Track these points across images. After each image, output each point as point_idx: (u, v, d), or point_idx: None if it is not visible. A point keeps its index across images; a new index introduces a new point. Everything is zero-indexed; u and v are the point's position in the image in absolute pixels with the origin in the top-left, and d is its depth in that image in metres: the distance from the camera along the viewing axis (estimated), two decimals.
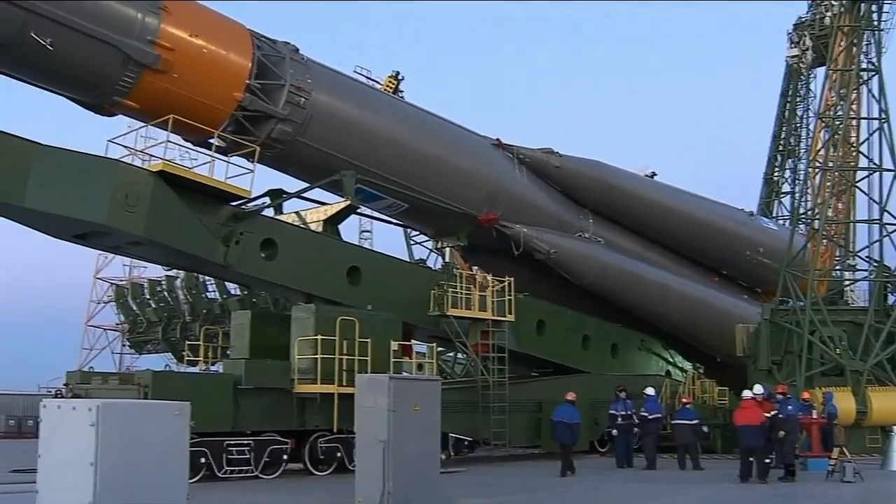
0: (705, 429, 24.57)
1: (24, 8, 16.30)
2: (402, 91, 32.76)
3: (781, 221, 44.08)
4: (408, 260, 27.04)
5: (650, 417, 22.41)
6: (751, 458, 18.50)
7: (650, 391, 23.34)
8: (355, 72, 23.96)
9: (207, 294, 38.58)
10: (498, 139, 26.35)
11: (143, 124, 19.57)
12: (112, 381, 19.68)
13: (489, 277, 24.49)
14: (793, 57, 49.74)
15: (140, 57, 17.75)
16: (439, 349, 25.49)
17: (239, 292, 35.93)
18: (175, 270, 37.51)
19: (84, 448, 8.12)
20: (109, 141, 18.80)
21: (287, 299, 25.20)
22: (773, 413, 19.24)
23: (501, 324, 24.25)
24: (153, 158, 18.35)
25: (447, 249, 26.75)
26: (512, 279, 24.45)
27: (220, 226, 19.01)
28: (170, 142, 18.37)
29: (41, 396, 36.82)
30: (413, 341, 24.20)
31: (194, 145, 19.86)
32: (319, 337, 19.48)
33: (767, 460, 18.68)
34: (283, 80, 20.18)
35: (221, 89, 19.14)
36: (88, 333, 60.95)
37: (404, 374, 20.84)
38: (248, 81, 19.50)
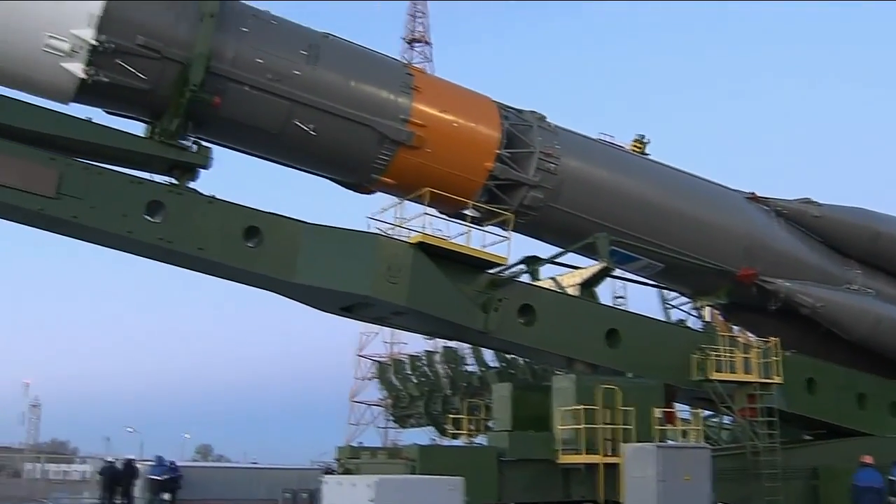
0: None
1: (290, 99, 17.35)
2: (647, 154, 32.27)
3: None
4: (667, 321, 26.27)
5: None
6: None
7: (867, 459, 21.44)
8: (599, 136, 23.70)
9: (466, 367, 39.10)
10: (752, 193, 25.36)
11: (400, 199, 20.20)
12: (380, 456, 20.06)
13: (752, 338, 23.41)
14: None
15: (395, 135, 18.46)
16: (701, 412, 24.50)
17: (497, 364, 36.16)
18: (434, 345, 38.36)
19: None
20: (369, 217, 19.54)
21: (546, 364, 25.07)
22: None
23: (769, 386, 23.02)
24: (412, 231, 18.90)
25: (706, 309, 25.80)
26: (778, 339, 23.24)
27: (478, 293, 19.25)
28: (427, 214, 18.86)
29: (313, 471, 38.29)
30: (676, 405, 23.38)
31: (450, 217, 20.28)
32: (581, 407, 19.16)
33: None
34: (532, 147, 20.34)
35: (473, 161, 19.55)
36: (354, 409, 63.24)
37: (670, 442, 20.22)
38: (498, 151, 19.81)
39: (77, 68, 15.70)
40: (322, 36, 18.46)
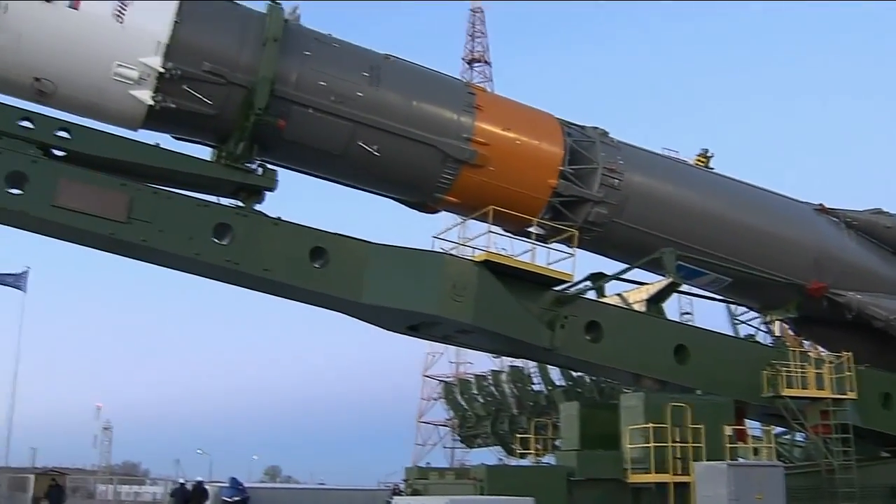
0: None
1: (353, 120, 17.50)
2: (711, 168, 31.91)
3: None
4: (736, 336, 25.88)
5: None
6: None
7: None
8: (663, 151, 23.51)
9: (533, 387, 39.02)
10: (821, 204, 24.91)
11: (464, 218, 20.24)
12: (448, 477, 19.99)
13: (824, 353, 22.96)
14: None
15: (458, 154, 18.51)
16: (772, 429, 24.05)
17: (564, 383, 35.99)
18: (500, 365, 38.34)
19: None
20: (435, 237, 19.75)
21: (613, 382, 24.87)
22: None
23: (842, 402, 22.50)
24: (476, 250, 18.88)
25: (776, 323, 25.38)
26: (851, 354, 22.74)
27: (544, 310, 19.19)
28: (491, 232, 18.84)
29: (381, 492, 38.41)
30: (747, 422, 22.99)
31: (514, 234, 20.24)
32: (651, 425, 18.94)
33: None
34: (596, 163, 20.26)
35: (537, 178, 19.53)
36: (420, 429, 63.31)
37: (741, 460, 19.90)
38: (561, 168, 19.76)
39: (145, 95, 16.02)
40: (383, 57, 18.60)
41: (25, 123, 15.71)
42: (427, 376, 67.34)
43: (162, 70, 15.92)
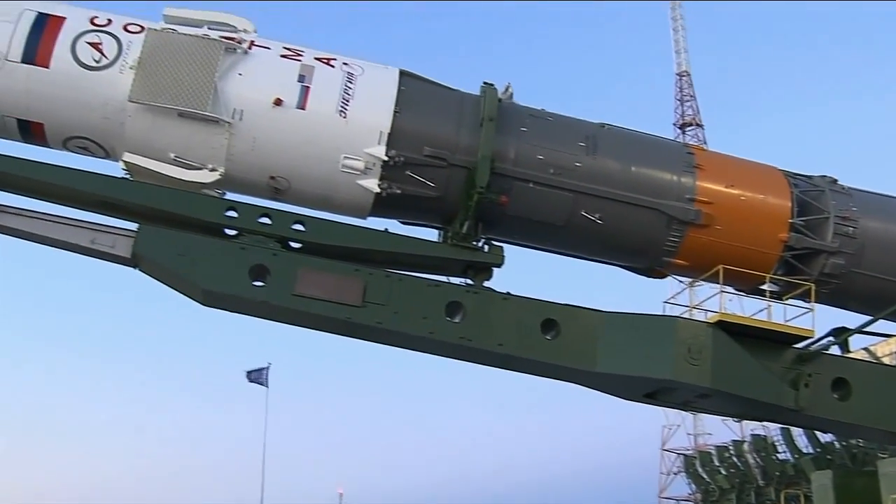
0: None
1: (574, 191, 17.62)
2: None
3: None
4: None
5: None
6: None
7: None
8: None
9: (778, 455, 37.43)
10: None
11: (692, 280, 19.85)
12: None
13: None
14: None
15: (683, 215, 18.21)
16: None
17: (812, 450, 34.33)
18: (742, 434, 37.06)
19: None
20: (665, 302, 19.51)
21: (865, 444, 23.48)
22: None
23: None
24: (708, 311, 18.45)
25: None
26: None
27: (786, 370, 18.37)
28: (723, 292, 18.37)
29: None
30: None
31: (746, 292, 19.66)
32: None
33: None
34: (827, 212, 19.40)
35: (766, 233, 18.92)
36: None
37: None
38: (791, 220, 19.06)
39: (372, 184, 16.79)
40: (598, 126, 18.70)
41: (264, 220, 16.78)
42: (665, 450, 65.71)
43: (386, 158, 16.65)
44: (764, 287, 18.95)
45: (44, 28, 16.29)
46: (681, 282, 22.32)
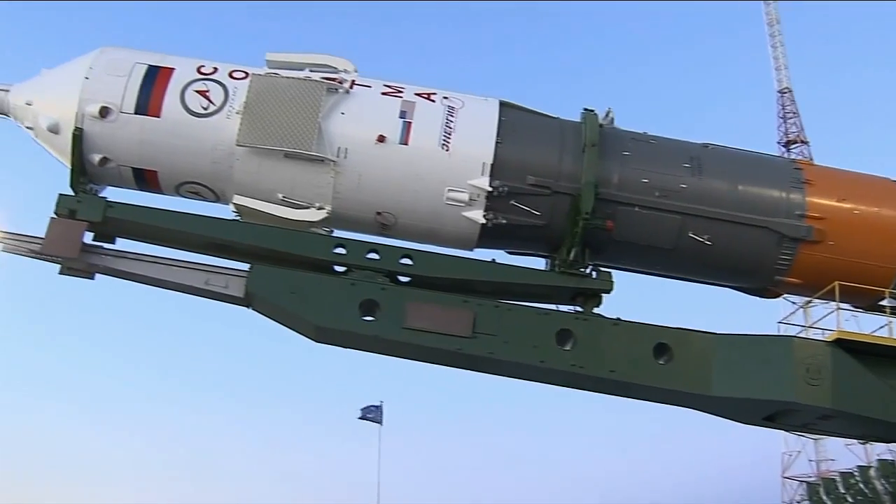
0: None
1: (681, 213, 17.44)
2: None
3: None
4: None
5: None
6: None
7: None
8: None
9: None
10: None
11: (807, 298, 19.38)
12: None
13: None
14: None
15: (794, 233, 17.81)
16: None
17: None
18: (867, 459, 35.94)
19: None
20: (780, 322, 19.09)
21: None
22: None
23: None
24: (825, 330, 17.95)
25: None
26: None
27: None
28: (840, 309, 17.88)
29: None
30: None
31: (864, 309, 19.08)
32: None
33: None
34: None
35: (882, 246, 18.31)
36: None
37: None
38: None
39: (478, 215, 16.91)
40: (702, 147, 18.47)
41: (372, 255, 17.01)
42: (787, 478, 64.09)
43: (490, 189, 16.74)
44: (883, 303, 18.40)
45: (154, 80, 16.89)
46: (793, 302, 21.88)
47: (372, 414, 49.64)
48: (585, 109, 17.83)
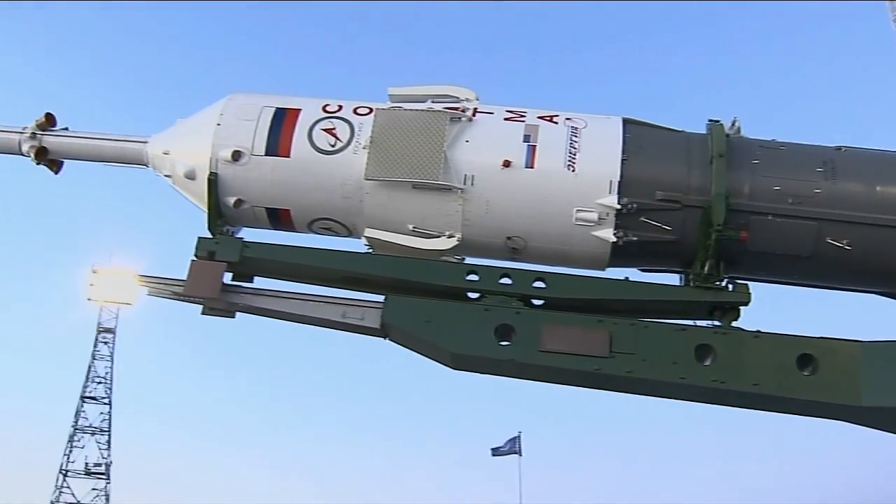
0: None
1: (816, 219, 16.94)
2: None
3: None
4: None
5: None
6: None
7: None
8: None
9: None
10: None
11: None
12: None
13: None
14: None
15: None
16: None
17: None
18: None
19: None
20: None
21: None
22: None
23: None
24: None
25: None
26: None
27: None
28: None
29: None
30: None
31: None
32: None
33: None
34: None
35: None
36: None
37: None
38: None
39: (608, 234, 16.78)
40: (834, 149, 17.97)
41: (505, 280, 17.05)
42: None
43: (619, 206, 16.60)
44: None
45: (283, 121, 17.38)
46: None
47: (508, 447, 49.25)
48: (710, 121, 17.57)
